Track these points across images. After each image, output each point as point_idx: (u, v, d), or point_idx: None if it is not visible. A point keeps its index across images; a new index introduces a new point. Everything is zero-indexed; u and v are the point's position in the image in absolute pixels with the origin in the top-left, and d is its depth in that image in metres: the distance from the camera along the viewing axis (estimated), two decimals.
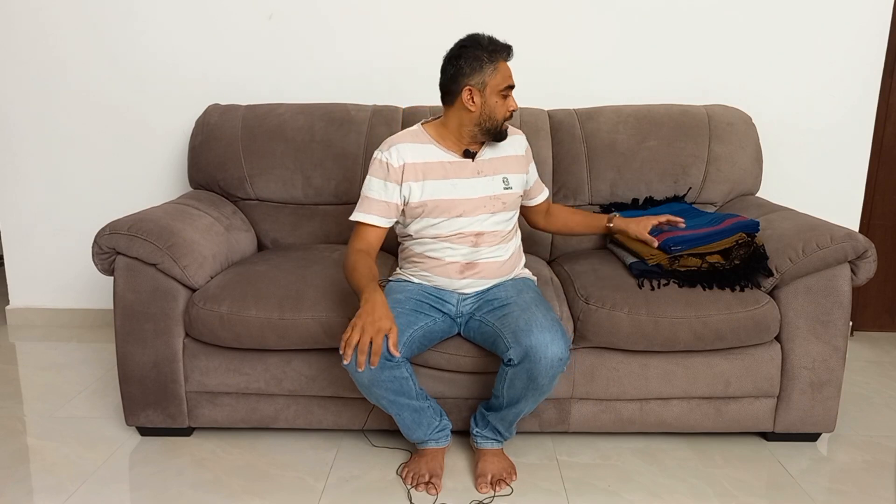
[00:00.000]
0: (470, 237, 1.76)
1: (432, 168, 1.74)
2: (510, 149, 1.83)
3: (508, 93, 1.73)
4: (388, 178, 1.72)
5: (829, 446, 1.97)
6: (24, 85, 2.65)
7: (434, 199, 1.73)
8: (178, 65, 2.61)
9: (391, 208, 1.74)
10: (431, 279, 1.79)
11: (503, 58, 1.71)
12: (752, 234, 1.92)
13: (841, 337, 1.86)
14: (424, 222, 1.76)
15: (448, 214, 1.74)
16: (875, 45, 2.53)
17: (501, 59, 1.71)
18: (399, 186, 1.72)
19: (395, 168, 1.72)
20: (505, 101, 1.73)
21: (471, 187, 1.75)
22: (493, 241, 1.78)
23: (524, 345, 1.56)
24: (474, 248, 1.77)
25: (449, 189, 1.73)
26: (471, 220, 1.75)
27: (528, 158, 1.89)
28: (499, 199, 1.77)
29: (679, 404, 1.90)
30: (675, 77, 2.57)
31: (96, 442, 1.95)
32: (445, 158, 1.76)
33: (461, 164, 1.76)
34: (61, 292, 2.85)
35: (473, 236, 1.76)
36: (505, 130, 1.77)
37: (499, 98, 1.71)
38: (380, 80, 2.58)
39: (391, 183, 1.72)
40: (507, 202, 1.79)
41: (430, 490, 1.71)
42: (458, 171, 1.75)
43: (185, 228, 1.93)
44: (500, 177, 1.79)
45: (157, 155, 2.70)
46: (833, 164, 2.63)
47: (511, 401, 1.67)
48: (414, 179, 1.72)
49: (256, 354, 1.87)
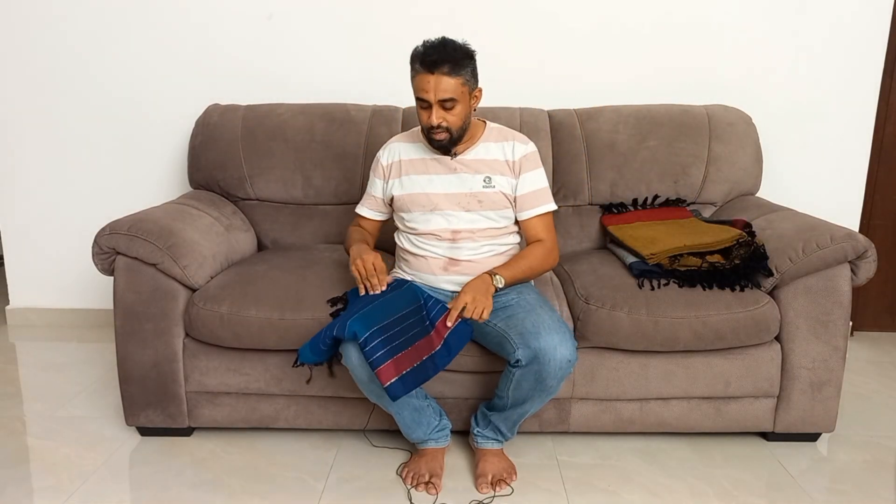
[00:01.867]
0: (447, 233, 1.78)
1: (414, 164, 1.83)
2: (500, 154, 1.81)
3: (423, 105, 1.68)
4: (376, 174, 1.89)
5: (829, 446, 1.97)
6: (24, 85, 2.65)
7: (410, 193, 1.81)
8: (178, 65, 2.61)
9: (378, 202, 1.92)
10: (419, 276, 1.82)
11: (420, 69, 1.65)
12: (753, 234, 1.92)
13: (841, 337, 1.86)
14: (407, 216, 1.83)
15: (423, 208, 1.79)
16: (875, 45, 2.53)
17: (419, 71, 1.65)
18: (384, 182, 1.87)
19: (383, 165, 1.87)
20: (423, 113, 1.70)
21: (447, 183, 1.79)
22: (474, 238, 1.79)
23: (533, 347, 1.56)
24: (453, 244, 1.78)
25: (424, 183, 1.80)
26: (447, 217, 1.78)
27: (521, 167, 1.80)
28: (474, 197, 1.78)
29: (679, 404, 1.90)
30: (675, 77, 2.57)
31: (96, 442, 1.95)
32: (428, 156, 1.82)
33: (442, 161, 1.81)
34: (61, 292, 2.85)
35: (451, 233, 1.78)
36: (438, 141, 1.72)
37: (419, 109, 1.71)
38: (380, 80, 2.58)
39: (378, 179, 1.89)
40: (484, 201, 1.78)
41: (430, 490, 1.71)
42: (437, 168, 1.81)
43: (185, 228, 1.93)
44: (482, 176, 1.79)
45: (158, 155, 2.70)
46: (833, 164, 2.63)
47: (516, 401, 1.67)
48: (398, 175, 1.84)
49: (256, 354, 1.87)
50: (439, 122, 1.68)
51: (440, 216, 1.78)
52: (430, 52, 1.63)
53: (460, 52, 1.66)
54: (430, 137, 1.73)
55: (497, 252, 1.82)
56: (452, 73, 1.64)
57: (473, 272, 1.77)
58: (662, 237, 2.00)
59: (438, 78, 1.63)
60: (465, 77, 1.67)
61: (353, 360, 1.59)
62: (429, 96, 1.65)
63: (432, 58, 1.62)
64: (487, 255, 1.80)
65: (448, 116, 1.68)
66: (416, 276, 1.83)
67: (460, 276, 1.78)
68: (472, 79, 1.70)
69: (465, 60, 1.67)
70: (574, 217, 2.35)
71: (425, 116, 1.69)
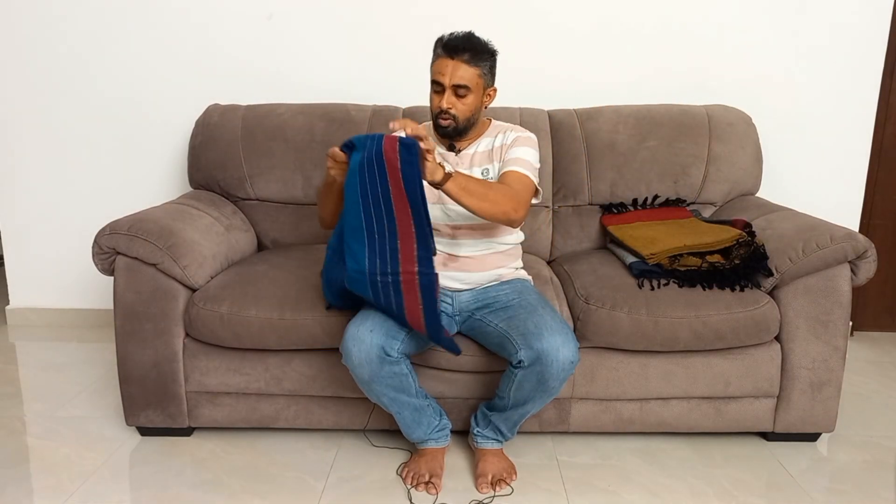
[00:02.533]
0: (447, 227, 1.78)
1: None
2: (499, 143, 1.81)
3: (437, 89, 1.72)
4: None
5: (829, 446, 1.97)
6: (25, 85, 2.65)
7: None
8: (179, 65, 2.61)
9: None
10: None
11: (441, 53, 1.69)
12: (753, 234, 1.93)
13: (841, 337, 1.86)
14: None
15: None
16: (875, 45, 2.53)
17: (440, 55, 1.70)
18: None
19: None
20: (435, 97, 1.73)
21: None
22: (474, 235, 1.79)
23: (535, 348, 1.56)
24: (453, 240, 1.78)
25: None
26: (446, 211, 1.77)
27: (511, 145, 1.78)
28: None
29: (679, 404, 1.90)
30: (675, 77, 2.57)
31: (96, 442, 1.95)
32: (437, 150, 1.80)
33: (447, 157, 1.80)
34: (61, 292, 2.85)
35: (450, 229, 1.78)
36: (443, 128, 1.73)
37: (433, 92, 1.73)
38: (380, 80, 2.58)
39: None
40: None
41: (430, 490, 1.71)
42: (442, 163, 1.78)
43: (185, 228, 1.93)
44: (481, 168, 1.79)
45: (158, 155, 2.70)
46: (833, 164, 2.63)
47: (518, 402, 1.67)
48: None
49: (256, 354, 1.87)
50: (448, 108, 1.69)
51: (440, 209, 1.77)
52: (454, 40, 1.68)
53: (483, 47, 1.70)
54: (437, 123, 1.74)
55: (497, 250, 1.82)
56: (471, 62, 1.67)
57: (473, 268, 1.77)
58: (662, 237, 2.00)
59: (457, 64, 1.67)
60: (483, 70, 1.70)
61: (353, 359, 1.59)
62: (444, 79, 1.68)
63: (454, 44, 1.67)
64: (487, 252, 1.80)
65: (458, 104, 1.70)
66: None
67: (460, 273, 1.78)
68: (489, 75, 1.73)
69: (486, 55, 1.70)
70: (574, 217, 2.35)
71: (437, 100, 1.71)
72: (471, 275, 1.79)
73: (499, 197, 1.61)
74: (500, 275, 1.82)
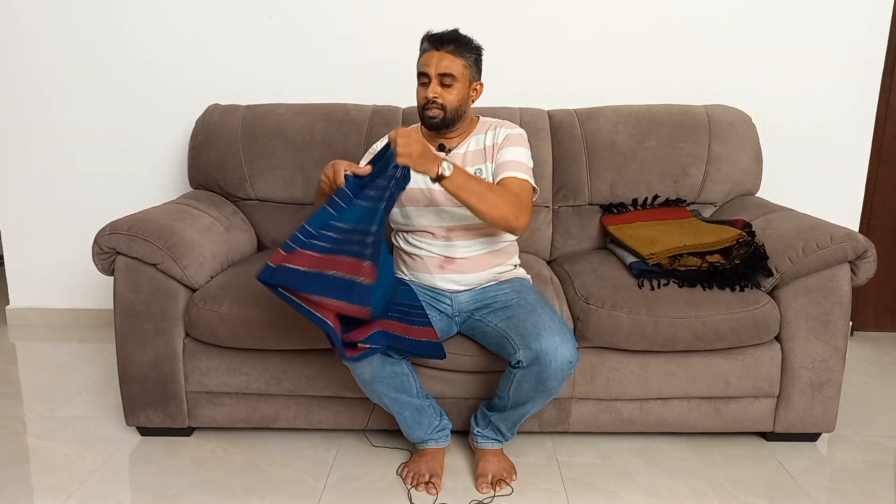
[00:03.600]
0: (441, 230, 1.78)
1: None
2: (489, 140, 1.80)
3: (423, 80, 1.73)
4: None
5: (829, 446, 1.97)
6: (24, 85, 2.65)
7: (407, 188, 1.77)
8: (179, 65, 2.61)
9: None
10: (416, 275, 1.81)
11: (427, 46, 1.72)
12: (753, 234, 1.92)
13: (841, 337, 1.86)
14: (401, 212, 1.81)
15: (416, 204, 1.78)
16: (875, 45, 2.53)
17: (426, 48, 1.72)
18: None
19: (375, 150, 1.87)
20: (421, 89, 1.74)
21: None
22: (468, 236, 1.79)
23: (534, 348, 1.56)
24: (448, 242, 1.78)
25: (419, 178, 1.74)
26: (440, 213, 1.77)
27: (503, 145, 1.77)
28: None
29: (679, 404, 1.90)
30: (675, 77, 2.57)
31: (96, 442, 1.95)
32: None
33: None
34: (61, 292, 2.85)
35: (445, 230, 1.78)
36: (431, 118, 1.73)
37: (419, 86, 1.75)
38: (380, 80, 2.59)
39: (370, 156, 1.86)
40: None
41: (430, 490, 1.71)
42: None
43: (185, 228, 1.93)
44: (473, 168, 1.78)
45: (157, 155, 2.70)
46: (833, 164, 2.63)
47: (517, 402, 1.67)
48: None
49: (256, 354, 1.87)
50: (435, 97, 1.70)
51: (433, 212, 1.77)
52: (439, 33, 1.71)
53: (467, 40, 1.74)
54: (424, 115, 1.74)
55: (492, 249, 1.82)
56: (456, 53, 1.70)
57: (470, 269, 1.77)
58: (662, 237, 2.00)
59: (442, 55, 1.69)
60: (469, 61, 1.72)
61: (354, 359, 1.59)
62: (430, 70, 1.70)
63: (439, 36, 1.70)
64: (482, 253, 1.80)
65: (445, 94, 1.71)
66: (414, 275, 1.83)
67: (456, 275, 1.78)
68: (475, 67, 1.76)
69: (471, 48, 1.74)
70: (574, 217, 2.35)
71: (423, 92, 1.72)
72: (468, 276, 1.78)
73: (499, 201, 1.61)
74: (498, 274, 1.83)
